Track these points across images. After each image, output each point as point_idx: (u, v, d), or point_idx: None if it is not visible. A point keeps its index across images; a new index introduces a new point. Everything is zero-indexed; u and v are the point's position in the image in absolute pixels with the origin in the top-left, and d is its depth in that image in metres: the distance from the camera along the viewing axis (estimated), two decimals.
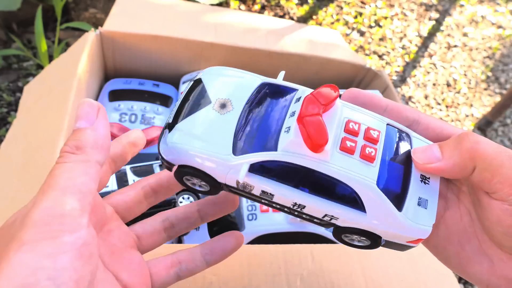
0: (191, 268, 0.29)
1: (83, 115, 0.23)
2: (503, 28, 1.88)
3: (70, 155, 0.21)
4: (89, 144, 0.22)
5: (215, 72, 0.28)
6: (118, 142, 0.30)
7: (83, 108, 0.23)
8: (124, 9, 0.68)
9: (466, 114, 1.48)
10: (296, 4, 1.59)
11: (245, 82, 0.27)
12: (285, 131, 0.24)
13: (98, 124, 0.23)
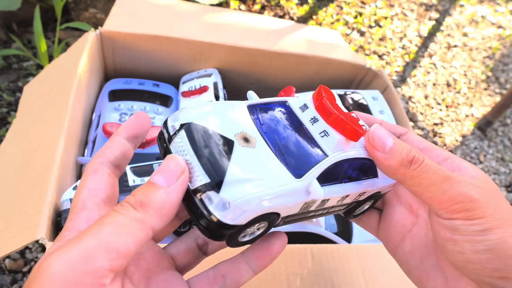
0: (237, 279, 0.27)
1: (165, 171, 0.21)
2: (503, 28, 1.88)
3: (129, 209, 0.19)
4: (155, 207, 0.20)
5: (196, 113, 0.24)
6: (115, 142, 0.25)
7: (168, 164, 0.21)
8: (124, 9, 0.68)
9: (466, 114, 1.48)
10: (296, 4, 1.59)
11: (234, 111, 0.25)
12: (322, 135, 0.25)
13: (175, 189, 0.20)
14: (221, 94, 0.64)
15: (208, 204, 0.21)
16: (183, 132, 0.23)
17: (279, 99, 0.27)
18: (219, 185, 0.21)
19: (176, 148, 0.22)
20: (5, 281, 0.72)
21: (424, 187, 0.24)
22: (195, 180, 0.21)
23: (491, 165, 1.35)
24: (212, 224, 0.21)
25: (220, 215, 0.21)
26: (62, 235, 0.21)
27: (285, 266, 0.39)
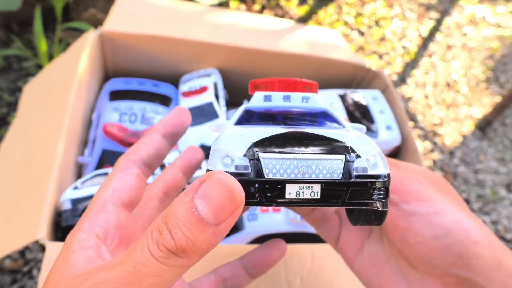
0: (237, 284, 0.27)
1: (215, 205, 0.16)
2: (503, 28, 1.88)
3: (171, 257, 0.16)
4: (199, 252, 0.16)
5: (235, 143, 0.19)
6: (151, 139, 0.24)
7: (219, 194, 0.16)
8: (124, 9, 0.68)
9: (466, 114, 1.48)
10: (296, 4, 1.59)
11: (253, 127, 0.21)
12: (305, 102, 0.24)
13: (225, 227, 0.16)
14: (221, 94, 0.64)
15: (367, 171, 0.18)
16: (261, 154, 0.18)
17: (241, 111, 0.24)
18: (354, 153, 0.18)
19: (275, 171, 0.18)
20: (5, 281, 0.72)
21: None
22: (330, 171, 0.18)
23: (491, 165, 1.35)
24: (386, 185, 0.19)
25: (379, 169, 0.19)
26: (78, 237, 0.20)
27: (285, 266, 0.39)
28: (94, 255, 0.19)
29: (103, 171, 0.47)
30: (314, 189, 0.18)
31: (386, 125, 0.63)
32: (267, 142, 0.18)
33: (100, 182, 0.45)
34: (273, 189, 0.18)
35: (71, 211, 0.42)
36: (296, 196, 0.18)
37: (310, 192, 0.18)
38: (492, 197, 1.25)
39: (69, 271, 0.18)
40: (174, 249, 0.15)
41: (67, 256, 0.19)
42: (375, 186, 0.18)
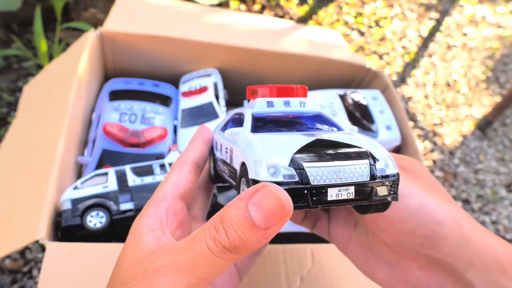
0: (247, 264, 0.29)
1: (266, 212, 0.18)
2: (503, 28, 1.88)
3: (225, 253, 0.19)
4: (249, 250, 0.19)
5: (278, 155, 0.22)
6: (195, 144, 0.30)
7: (271, 204, 0.18)
8: (124, 9, 0.68)
9: (466, 114, 1.48)
10: (296, 4, 1.59)
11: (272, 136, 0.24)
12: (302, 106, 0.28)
13: (273, 231, 0.19)
14: (221, 94, 0.64)
15: (385, 172, 0.22)
16: (305, 164, 0.21)
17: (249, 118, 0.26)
18: (373, 157, 0.22)
19: (320, 178, 0.21)
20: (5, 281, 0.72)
21: None
22: (360, 174, 0.21)
23: (491, 165, 1.35)
24: (398, 181, 0.22)
25: (392, 169, 0.22)
26: (146, 221, 0.24)
27: (285, 266, 0.39)
28: (160, 234, 0.23)
29: (103, 171, 0.47)
30: (350, 190, 0.21)
31: (386, 125, 0.63)
32: (304, 151, 0.21)
33: (100, 182, 0.45)
34: (318, 193, 0.20)
35: (71, 211, 0.42)
36: (336, 197, 0.21)
37: (347, 193, 0.21)
38: (492, 197, 1.25)
39: (142, 250, 0.22)
40: (228, 247, 0.18)
41: (140, 238, 0.23)
42: (391, 183, 0.22)
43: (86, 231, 0.42)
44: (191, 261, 0.19)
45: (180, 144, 0.58)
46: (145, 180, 0.46)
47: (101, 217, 0.43)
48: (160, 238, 0.23)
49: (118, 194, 0.44)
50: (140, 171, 0.47)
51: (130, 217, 0.43)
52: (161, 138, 0.56)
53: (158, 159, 0.54)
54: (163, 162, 0.48)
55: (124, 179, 0.46)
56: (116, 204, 0.43)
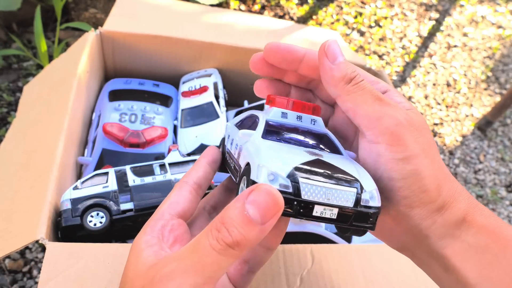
0: (259, 260, 0.29)
1: (262, 208, 0.20)
2: (503, 28, 1.88)
3: (227, 250, 0.20)
4: (249, 245, 0.20)
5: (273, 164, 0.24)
6: (198, 165, 0.30)
7: (266, 200, 0.20)
8: (124, 9, 0.68)
9: (466, 114, 1.48)
10: (296, 4, 1.59)
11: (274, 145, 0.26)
12: (313, 123, 0.30)
13: (269, 226, 0.20)
14: (221, 94, 0.64)
15: (368, 203, 0.24)
16: (301, 179, 0.23)
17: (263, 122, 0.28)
18: (361, 187, 0.24)
19: (311, 194, 0.23)
20: (5, 281, 0.72)
21: (357, 104, 0.26)
22: (346, 200, 0.23)
23: (491, 165, 1.35)
24: (378, 214, 0.24)
25: (376, 202, 0.24)
26: (144, 239, 0.25)
27: (285, 266, 0.39)
28: (158, 249, 0.24)
29: (103, 171, 0.47)
30: (333, 211, 0.23)
31: None
32: (303, 167, 0.23)
33: (100, 182, 0.45)
34: (306, 207, 0.23)
35: (71, 211, 0.42)
36: (320, 214, 0.23)
37: (330, 213, 0.23)
38: (492, 197, 1.25)
39: (143, 263, 0.23)
40: (231, 243, 0.20)
41: (139, 254, 0.24)
42: (371, 214, 0.24)
43: (86, 231, 0.42)
44: (196, 262, 0.21)
45: (180, 144, 0.58)
46: (145, 180, 0.46)
47: (101, 217, 0.43)
48: (158, 252, 0.24)
49: (118, 194, 0.44)
50: (140, 171, 0.47)
51: (130, 217, 0.43)
52: (161, 138, 0.56)
53: (158, 159, 0.54)
54: (163, 162, 0.48)
55: (124, 179, 0.46)
56: (116, 204, 0.43)
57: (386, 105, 0.26)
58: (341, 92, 0.27)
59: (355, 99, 0.26)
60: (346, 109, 0.27)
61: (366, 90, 0.26)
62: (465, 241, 0.26)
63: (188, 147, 0.57)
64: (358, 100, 0.26)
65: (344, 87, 0.27)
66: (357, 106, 0.26)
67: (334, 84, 0.27)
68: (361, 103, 0.26)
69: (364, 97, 0.26)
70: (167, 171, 0.47)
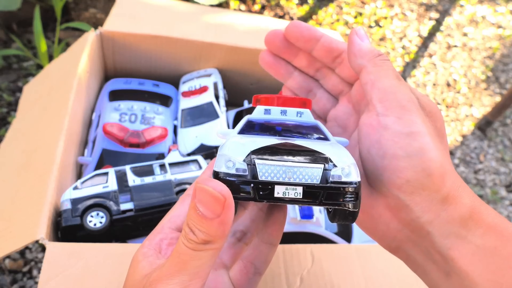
0: (264, 259, 0.29)
1: (209, 205, 0.20)
2: (503, 28, 1.88)
3: (199, 245, 0.21)
4: (219, 237, 0.21)
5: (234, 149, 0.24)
6: (204, 175, 0.29)
7: (204, 196, 0.20)
8: (124, 9, 0.68)
9: (466, 114, 1.48)
10: (296, 4, 1.59)
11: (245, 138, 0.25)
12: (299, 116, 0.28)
13: (226, 217, 0.21)
14: (221, 94, 0.64)
15: (341, 178, 0.22)
16: (257, 161, 0.22)
17: (243, 121, 0.28)
18: (332, 164, 0.22)
19: (268, 175, 0.22)
20: (5, 281, 0.72)
21: (379, 77, 0.26)
22: (310, 177, 0.22)
23: (491, 165, 1.35)
24: (357, 190, 0.22)
25: (352, 177, 0.22)
26: (141, 251, 0.25)
27: (285, 266, 0.39)
28: (154, 260, 0.24)
29: (103, 171, 0.47)
30: (297, 190, 0.22)
31: None
32: (262, 150, 0.23)
33: (100, 182, 0.45)
34: (264, 188, 0.22)
35: (71, 211, 0.42)
36: (283, 195, 0.22)
37: (294, 192, 0.22)
38: (492, 197, 1.25)
39: (139, 274, 0.24)
40: (199, 241, 0.21)
41: (136, 265, 0.24)
42: (346, 191, 0.22)
43: (86, 231, 0.42)
44: (177, 262, 0.21)
45: (180, 144, 0.58)
46: (145, 180, 0.46)
47: (101, 217, 0.43)
48: (154, 262, 0.24)
49: (118, 194, 0.44)
50: (140, 171, 0.47)
51: (130, 217, 0.43)
52: (161, 138, 0.56)
53: (158, 159, 0.54)
54: (163, 162, 0.48)
55: (124, 179, 0.46)
56: (116, 204, 0.43)
57: (404, 84, 0.26)
58: (368, 63, 0.27)
59: (379, 72, 0.27)
60: (366, 81, 0.27)
61: (390, 67, 0.27)
62: (472, 242, 0.24)
63: (188, 147, 0.57)
64: (381, 74, 0.26)
65: (372, 59, 0.27)
66: (377, 79, 0.26)
67: (362, 55, 0.27)
68: (382, 77, 0.26)
69: (387, 73, 0.27)
70: (167, 171, 0.47)
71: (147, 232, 0.46)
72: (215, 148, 0.56)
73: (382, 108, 0.26)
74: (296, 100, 0.28)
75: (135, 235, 0.46)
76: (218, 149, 0.26)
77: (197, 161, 0.50)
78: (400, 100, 0.25)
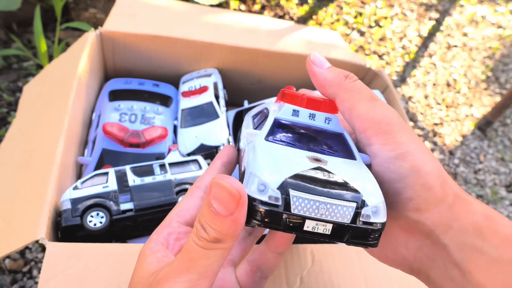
0: (271, 266, 0.30)
1: (224, 202, 0.20)
2: (503, 28, 1.88)
3: (209, 244, 0.21)
4: (231, 236, 0.21)
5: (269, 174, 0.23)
6: (212, 167, 0.30)
7: (219, 191, 0.20)
8: (124, 9, 0.68)
9: (466, 114, 1.48)
10: (296, 4, 1.59)
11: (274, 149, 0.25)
12: (327, 122, 0.28)
13: (239, 215, 0.21)
14: (221, 94, 0.64)
15: (369, 219, 0.22)
16: (291, 191, 0.22)
17: (271, 120, 0.27)
18: (363, 202, 0.22)
19: (301, 209, 0.21)
20: (5, 281, 0.72)
21: (353, 103, 0.26)
22: (342, 215, 0.22)
23: (491, 165, 1.35)
24: (382, 230, 0.23)
25: (380, 218, 0.22)
26: (149, 246, 0.25)
27: (285, 266, 0.39)
28: (162, 256, 0.24)
29: (103, 171, 0.47)
30: (327, 227, 0.22)
31: None
32: (297, 178, 0.22)
33: (100, 182, 0.45)
34: (295, 221, 0.21)
35: (71, 211, 0.42)
36: (312, 229, 0.22)
37: (323, 229, 0.22)
38: (492, 197, 1.25)
39: (146, 271, 0.23)
40: (209, 239, 0.21)
41: (143, 260, 0.24)
42: (372, 231, 0.22)
43: (86, 231, 0.42)
44: (186, 260, 0.21)
45: (180, 144, 0.58)
46: (145, 180, 0.46)
47: (101, 217, 0.43)
48: (161, 259, 0.24)
49: (118, 194, 0.44)
50: (140, 171, 0.47)
51: (130, 217, 0.43)
52: (161, 138, 0.56)
53: (158, 159, 0.54)
54: (163, 162, 0.48)
55: (124, 179, 0.46)
56: (116, 204, 0.43)
57: (380, 104, 0.26)
58: (338, 91, 0.27)
59: (352, 98, 0.26)
60: (343, 111, 0.27)
61: (362, 88, 0.26)
62: (487, 253, 0.23)
63: (188, 147, 0.57)
64: (354, 99, 0.26)
65: (341, 84, 0.27)
66: (353, 106, 0.26)
67: (330, 84, 0.27)
68: (356, 103, 0.26)
69: (360, 95, 0.26)
70: (167, 171, 0.47)
71: (147, 232, 0.46)
72: (215, 148, 0.56)
73: (365, 139, 0.26)
74: (324, 103, 0.27)
75: (135, 235, 0.46)
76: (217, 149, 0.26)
77: (197, 161, 0.50)
78: (380, 125, 0.25)
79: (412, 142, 0.25)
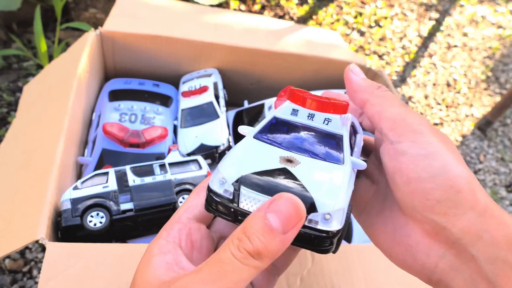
0: (285, 262, 0.30)
1: (284, 216, 0.20)
2: (503, 28, 1.88)
3: (248, 258, 0.20)
4: (270, 255, 0.20)
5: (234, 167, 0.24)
6: None
7: (288, 209, 0.20)
8: (124, 9, 0.68)
9: (466, 114, 1.48)
10: (296, 4, 1.59)
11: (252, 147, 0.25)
12: (326, 123, 0.27)
13: (290, 236, 0.20)
14: (221, 94, 0.64)
15: (317, 225, 0.22)
16: (243, 188, 0.23)
17: (269, 118, 0.27)
18: (312, 206, 0.22)
19: (247, 204, 0.23)
20: (5, 281, 0.72)
21: (384, 108, 0.26)
22: None
23: (491, 165, 1.35)
24: (331, 238, 0.23)
25: (330, 226, 0.22)
26: (158, 243, 0.24)
27: None
28: (172, 261, 0.23)
29: (103, 171, 0.47)
30: None
31: None
32: (253, 176, 0.23)
33: (100, 182, 0.45)
34: (242, 216, 0.23)
35: (71, 211, 0.42)
36: None
37: None
38: (492, 197, 1.25)
39: (152, 274, 0.22)
40: (252, 252, 0.20)
41: (149, 259, 0.23)
42: (320, 238, 0.22)
43: (86, 231, 0.42)
44: (217, 270, 0.20)
45: (180, 144, 0.58)
46: (145, 180, 0.46)
47: (101, 217, 0.43)
48: (171, 265, 0.23)
49: (118, 194, 0.44)
50: (140, 171, 0.47)
51: (130, 217, 0.43)
52: (161, 138, 0.56)
53: (158, 159, 0.54)
54: (163, 162, 0.48)
55: (124, 179, 0.46)
56: (116, 204, 0.43)
57: (411, 109, 0.27)
58: (370, 96, 0.27)
59: (383, 103, 0.27)
60: (372, 113, 0.27)
61: (393, 97, 0.27)
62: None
63: (188, 147, 0.57)
64: (385, 104, 0.27)
65: (373, 91, 0.28)
66: (383, 109, 0.26)
67: (363, 90, 0.28)
68: (387, 107, 0.26)
69: (391, 102, 0.27)
70: (167, 171, 0.47)
71: (147, 232, 0.46)
72: (215, 148, 0.56)
73: (394, 136, 0.25)
74: (329, 104, 0.27)
75: (135, 235, 0.46)
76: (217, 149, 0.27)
77: (197, 161, 0.50)
78: (411, 125, 0.25)
79: (444, 144, 0.25)
